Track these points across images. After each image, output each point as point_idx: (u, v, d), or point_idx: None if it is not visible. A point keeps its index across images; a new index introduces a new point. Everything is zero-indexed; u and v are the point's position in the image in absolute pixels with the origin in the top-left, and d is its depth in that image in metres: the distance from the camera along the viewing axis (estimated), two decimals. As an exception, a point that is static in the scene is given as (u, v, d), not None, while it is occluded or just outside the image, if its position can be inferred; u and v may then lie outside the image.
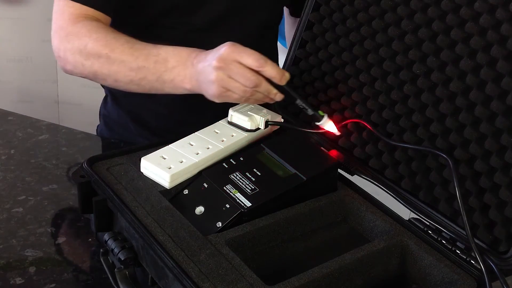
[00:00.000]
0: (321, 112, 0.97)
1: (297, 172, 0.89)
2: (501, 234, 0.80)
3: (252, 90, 0.91)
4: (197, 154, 0.92)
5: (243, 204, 0.84)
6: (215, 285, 0.72)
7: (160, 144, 0.95)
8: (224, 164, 0.92)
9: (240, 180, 0.88)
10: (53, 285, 0.87)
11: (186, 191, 0.89)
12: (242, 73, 0.89)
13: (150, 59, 0.97)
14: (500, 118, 0.81)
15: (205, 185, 0.88)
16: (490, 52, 0.82)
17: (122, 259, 0.79)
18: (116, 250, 0.80)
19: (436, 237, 0.84)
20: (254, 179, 0.88)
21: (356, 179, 0.96)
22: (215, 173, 0.90)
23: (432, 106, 0.89)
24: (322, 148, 0.98)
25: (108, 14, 1.08)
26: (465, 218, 0.81)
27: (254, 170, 0.90)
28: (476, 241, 0.81)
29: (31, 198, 1.04)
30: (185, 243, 0.78)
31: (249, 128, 0.98)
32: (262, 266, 0.80)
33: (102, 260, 0.83)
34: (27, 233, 0.96)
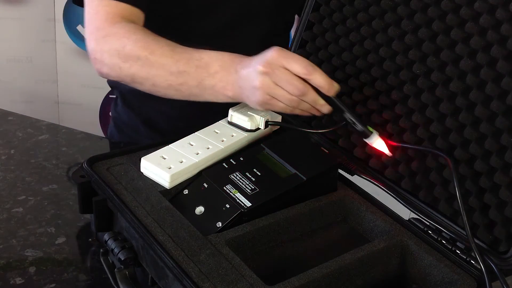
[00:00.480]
0: (371, 129, 0.89)
1: (297, 172, 0.89)
2: (501, 234, 0.80)
3: (298, 99, 0.86)
4: (197, 154, 0.92)
5: (243, 204, 0.84)
6: (215, 285, 0.72)
7: (160, 144, 0.95)
8: (224, 164, 0.92)
9: (240, 180, 0.88)
10: (53, 285, 0.87)
11: (186, 191, 0.89)
12: (289, 80, 0.84)
13: (192, 63, 0.92)
14: (500, 118, 0.81)
15: (205, 185, 0.88)
16: (490, 52, 0.82)
17: (122, 259, 0.79)
18: (116, 250, 0.80)
19: (436, 237, 0.84)
20: (254, 179, 0.88)
21: (356, 179, 0.96)
22: (215, 173, 0.90)
23: (432, 106, 0.89)
24: (322, 148, 0.98)
25: (143, 10, 1.04)
26: (465, 218, 0.81)
27: (254, 170, 0.90)
28: (476, 241, 0.81)
29: (31, 198, 1.04)
30: (185, 243, 0.78)
31: (249, 128, 0.98)
32: (262, 266, 0.80)
33: (102, 260, 0.83)
34: (27, 233, 0.96)
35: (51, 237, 0.96)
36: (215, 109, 0.99)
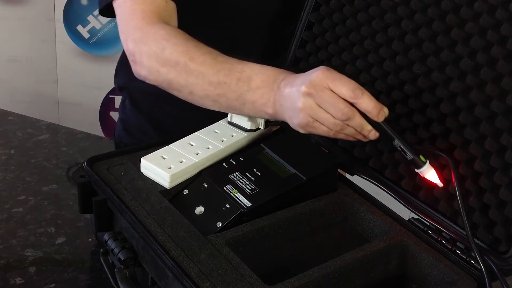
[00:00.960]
0: (423, 158, 0.82)
1: (297, 172, 0.89)
2: (501, 234, 0.80)
3: (343, 123, 0.81)
4: (197, 154, 0.92)
5: (243, 204, 0.84)
6: (215, 285, 0.72)
7: (160, 144, 0.95)
8: (224, 164, 0.92)
9: (240, 180, 0.88)
10: (53, 285, 0.87)
11: (186, 191, 0.89)
12: (334, 103, 0.79)
13: (233, 75, 0.88)
14: (500, 118, 0.81)
15: (205, 185, 0.88)
16: (490, 52, 0.82)
17: (122, 259, 0.79)
18: (116, 250, 0.80)
19: (436, 237, 0.84)
20: (254, 179, 0.88)
21: (356, 179, 0.96)
22: (215, 173, 0.90)
23: (432, 106, 0.89)
24: (322, 148, 0.98)
25: (176, 2, 0.99)
26: (465, 218, 0.81)
27: (254, 170, 0.90)
28: (476, 241, 0.81)
29: (31, 198, 1.04)
30: (185, 243, 0.78)
31: (249, 128, 0.98)
32: (262, 266, 0.80)
33: (102, 260, 0.83)
34: (27, 233, 0.96)
35: (51, 237, 0.96)
36: (186, 106, 0.97)
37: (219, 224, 0.82)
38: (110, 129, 2.40)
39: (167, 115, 1.22)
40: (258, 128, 0.99)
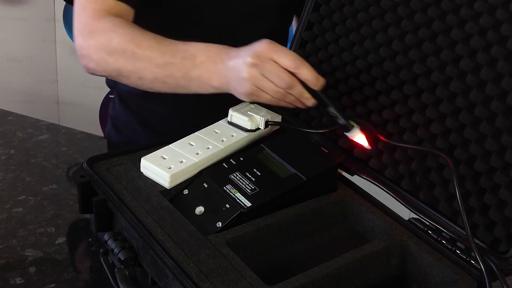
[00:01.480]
0: (353, 123, 0.91)
1: (297, 172, 0.89)
2: (501, 234, 0.80)
3: (285, 92, 0.87)
4: (197, 154, 0.92)
5: (243, 204, 0.84)
6: (215, 285, 0.72)
7: (160, 144, 0.95)
8: (224, 164, 0.92)
9: (240, 180, 0.88)
10: (53, 285, 0.87)
11: (186, 191, 0.89)
12: (277, 72, 0.86)
13: (178, 55, 0.93)
14: (500, 118, 0.81)
15: (205, 185, 0.88)
16: (490, 52, 0.82)
17: (122, 259, 0.79)
18: (116, 250, 0.80)
19: (436, 237, 0.84)
20: (254, 179, 0.88)
21: (356, 179, 0.96)
22: (215, 173, 0.90)
23: (432, 106, 0.89)
24: (322, 148, 0.98)
25: (133, 6, 1.04)
26: (465, 218, 0.81)
27: (254, 170, 0.90)
28: (476, 241, 0.81)
29: (31, 198, 1.04)
30: (185, 243, 0.78)
31: (249, 128, 0.98)
32: (262, 266, 0.80)
33: (102, 260, 0.83)
34: (27, 233, 0.96)
35: (51, 237, 0.96)
36: (210, 110, 1.00)
37: (219, 224, 0.82)
38: (124, 134, 2.40)
39: (153, 114, 1.24)
40: (258, 128, 0.99)
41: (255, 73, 0.86)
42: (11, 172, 1.11)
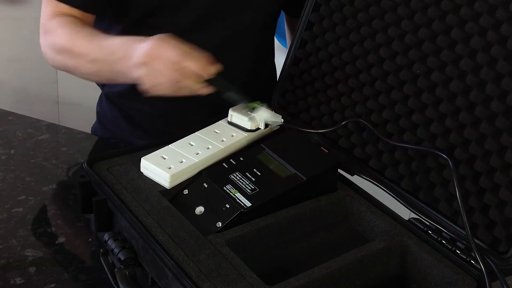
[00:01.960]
0: (257, 103, 0.96)
1: (297, 172, 0.89)
2: (501, 234, 0.80)
3: (177, 84, 0.93)
4: (197, 154, 0.92)
5: (243, 204, 0.84)
6: (215, 285, 0.72)
7: (160, 144, 0.95)
8: (224, 164, 0.92)
9: (240, 180, 0.88)
10: (53, 285, 0.87)
11: (186, 191, 0.89)
12: (163, 70, 0.91)
13: (102, 51, 1.00)
14: (500, 118, 0.81)
15: (205, 185, 0.88)
16: (490, 52, 0.82)
17: (122, 259, 0.79)
18: (116, 250, 0.80)
19: (436, 237, 0.84)
20: (254, 179, 0.88)
21: (356, 179, 0.96)
22: (215, 173, 0.90)
23: (432, 106, 0.89)
24: (322, 148, 0.98)
25: (86, 11, 1.11)
26: (465, 218, 0.81)
27: (254, 170, 0.90)
28: (476, 241, 0.81)
29: (31, 198, 1.04)
30: (185, 243, 0.78)
31: (249, 128, 0.98)
32: (262, 266, 0.80)
33: (102, 260, 0.83)
34: (27, 233, 0.96)
35: (51, 237, 0.96)
36: (196, 108, 1.10)
37: (219, 224, 0.82)
38: (110, 130, 2.39)
39: (138, 112, 1.27)
40: (258, 128, 0.99)
41: (147, 72, 0.93)
42: (11, 172, 1.11)
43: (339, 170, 0.95)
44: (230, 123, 1.00)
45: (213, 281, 0.72)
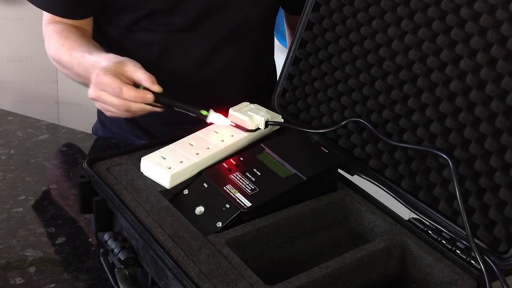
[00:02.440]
0: (204, 112, 0.97)
1: (297, 172, 0.89)
2: (501, 234, 0.80)
3: (124, 109, 0.95)
4: (197, 154, 0.92)
5: (243, 204, 0.84)
6: (215, 285, 0.72)
7: (160, 144, 0.95)
8: (224, 164, 0.92)
9: (240, 180, 0.88)
10: (53, 285, 0.87)
11: (186, 191, 0.89)
12: (106, 98, 0.95)
13: (80, 68, 1.05)
14: (500, 118, 0.81)
15: (205, 185, 0.88)
16: (490, 52, 0.82)
17: (122, 259, 0.79)
18: (116, 250, 0.80)
19: (436, 237, 0.84)
20: (254, 179, 0.88)
21: (356, 179, 0.96)
22: (215, 173, 0.90)
23: (432, 106, 0.89)
24: (322, 148, 0.98)
25: (70, 17, 1.14)
26: (465, 218, 0.81)
27: (254, 170, 0.90)
28: (476, 241, 0.81)
29: (31, 198, 1.04)
30: (185, 243, 0.78)
31: (249, 128, 0.98)
32: (262, 266, 0.80)
33: (102, 260, 0.83)
34: (27, 233, 0.96)
35: (51, 237, 0.96)
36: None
37: (219, 224, 0.82)
38: (110, 129, 2.39)
39: None
40: (258, 128, 0.99)
41: (96, 97, 0.97)
42: (11, 172, 1.11)
43: (339, 170, 0.95)
44: (230, 123, 1.00)
45: (213, 281, 0.72)
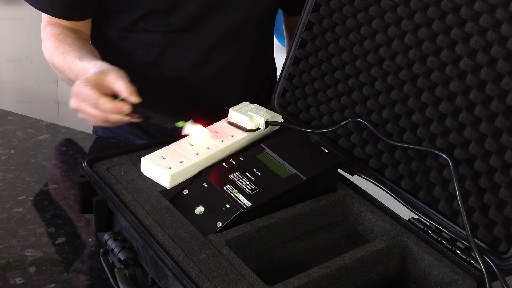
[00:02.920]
0: (182, 123, 0.95)
1: (297, 172, 0.89)
2: (501, 234, 0.80)
3: (102, 119, 0.96)
4: (197, 154, 0.92)
5: (243, 204, 0.84)
6: (215, 285, 0.72)
7: (160, 144, 0.95)
8: (224, 164, 0.92)
9: (240, 180, 0.88)
10: (53, 285, 0.87)
11: (186, 191, 0.89)
12: (88, 112, 0.96)
13: (71, 74, 1.06)
14: (500, 118, 0.81)
15: (205, 185, 0.88)
16: (490, 52, 0.82)
17: (122, 259, 0.79)
18: (116, 250, 0.80)
19: (436, 237, 0.84)
20: (254, 179, 0.88)
21: (356, 179, 0.96)
22: (215, 173, 0.90)
23: (432, 106, 0.89)
24: (322, 148, 0.98)
25: (72, 19, 1.15)
26: (465, 218, 0.81)
27: (254, 170, 0.90)
28: (476, 241, 0.81)
29: (31, 198, 1.04)
30: (185, 243, 0.78)
31: (249, 128, 0.98)
32: (262, 266, 0.80)
33: (102, 260, 0.83)
34: (27, 233, 0.96)
35: (51, 237, 0.96)
36: (186, 106, 1.15)
37: (219, 224, 0.82)
38: (110, 129, 2.39)
39: None
40: (258, 128, 0.99)
41: (76, 106, 0.97)
42: (11, 172, 1.11)
43: (339, 170, 0.95)
44: (230, 123, 1.00)
45: (213, 281, 0.72)
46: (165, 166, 0.89)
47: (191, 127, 0.95)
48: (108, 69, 0.98)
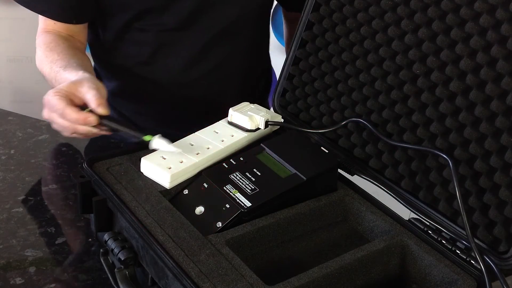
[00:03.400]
0: (149, 137, 0.91)
1: (297, 172, 0.89)
2: (501, 234, 0.80)
3: (71, 130, 0.94)
4: (197, 154, 0.92)
5: (243, 204, 0.84)
6: (215, 285, 0.72)
7: (160, 144, 0.95)
8: (224, 164, 0.92)
9: (240, 180, 0.88)
10: (53, 285, 0.87)
11: (186, 191, 0.89)
12: (58, 123, 0.95)
13: (56, 84, 1.06)
14: (500, 118, 0.81)
15: (205, 185, 0.88)
16: (490, 52, 0.82)
17: (122, 259, 0.79)
18: (116, 250, 0.80)
19: (436, 237, 0.84)
20: (254, 179, 0.88)
21: (356, 179, 0.96)
22: (215, 173, 0.90)
23: (432, 106, 0.89)
24: (322, 148, 0.98)
25: (70, 22, 1.15)
26: (465, 218, 0.81)
27: (254, 170, 0.90)
28: (476, 241, 0.81)
29: (31, 198, 1.04)
30: (185, 243, 0.78)
31: (249, 128, 0.98)
32: (262, 266, 0.80)
33: (102, 260, 0.83)
34: (27, 233, 0.96)
35: (51, 237, 0.96)
36: (182, 106, 1.18)
37: (219, 224, 0.82)
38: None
39: (130, 111, 1.29)
40: (258, 128, 0.99)
41: (48, 117, 0.96)
42: (11, 172, 1.11)
43: (339, 170, 0.95)
44: (230, 123, 1.00)
45: (213, 281, 0.72)
46: (165, 166, 0.89)
47: (158, 142, 0.91)
48: (83, 80, 0.96)
